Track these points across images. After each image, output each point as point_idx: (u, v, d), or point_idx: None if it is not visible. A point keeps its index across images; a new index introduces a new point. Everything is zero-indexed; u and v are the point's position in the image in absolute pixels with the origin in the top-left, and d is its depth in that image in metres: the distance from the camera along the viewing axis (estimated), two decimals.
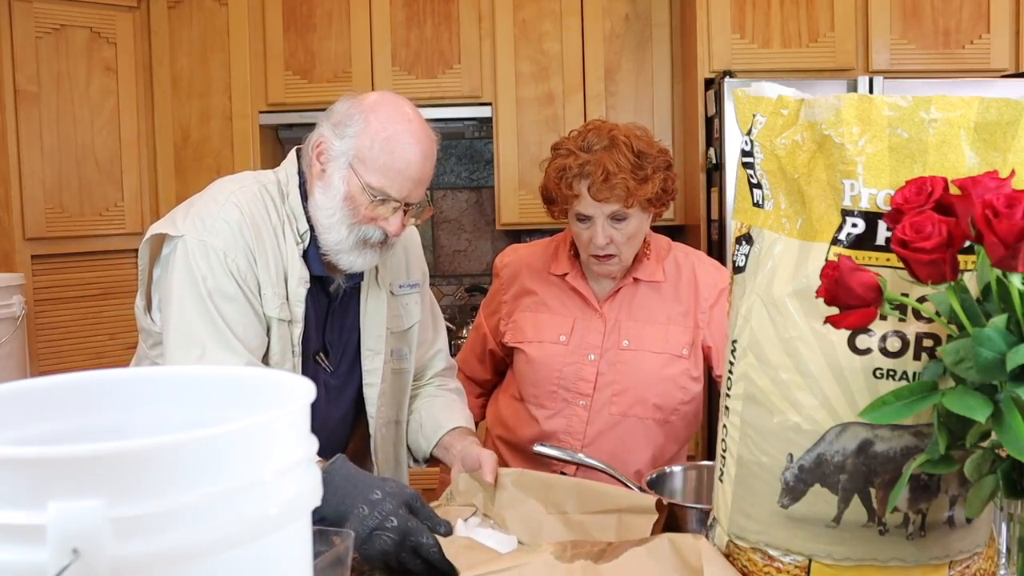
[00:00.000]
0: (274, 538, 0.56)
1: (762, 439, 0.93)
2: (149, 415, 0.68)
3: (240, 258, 1.42)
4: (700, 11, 2.90)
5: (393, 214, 1.44)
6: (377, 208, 1.43)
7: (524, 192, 3.21)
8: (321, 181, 1.45)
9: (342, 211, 1.44)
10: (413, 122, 1.44)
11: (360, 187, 1.42)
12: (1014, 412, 0.71)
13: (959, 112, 0.85)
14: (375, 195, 1.41)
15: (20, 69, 2.88)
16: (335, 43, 3.19)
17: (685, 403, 1.75)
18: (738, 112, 1.00)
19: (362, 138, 1.42)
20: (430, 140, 1.46)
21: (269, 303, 1.45)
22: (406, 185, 1.42)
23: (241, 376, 0.70)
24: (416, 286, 1.70)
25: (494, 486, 1.41)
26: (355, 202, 1.43)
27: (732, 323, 1.00)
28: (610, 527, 1.30)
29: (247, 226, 1.43)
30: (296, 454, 0.59)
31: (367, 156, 1.41)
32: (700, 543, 1.00)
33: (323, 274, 1.50)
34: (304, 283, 1.47)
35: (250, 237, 1.43)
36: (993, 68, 2.92)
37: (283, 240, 1.47)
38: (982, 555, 0.95)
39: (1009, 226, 0.70)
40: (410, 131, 1.43)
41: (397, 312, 1.65)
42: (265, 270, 1.44)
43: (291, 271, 1.47)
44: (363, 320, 1.58)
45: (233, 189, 1.47)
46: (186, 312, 1.40)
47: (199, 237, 1.41)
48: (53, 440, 0.63)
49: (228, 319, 1.41)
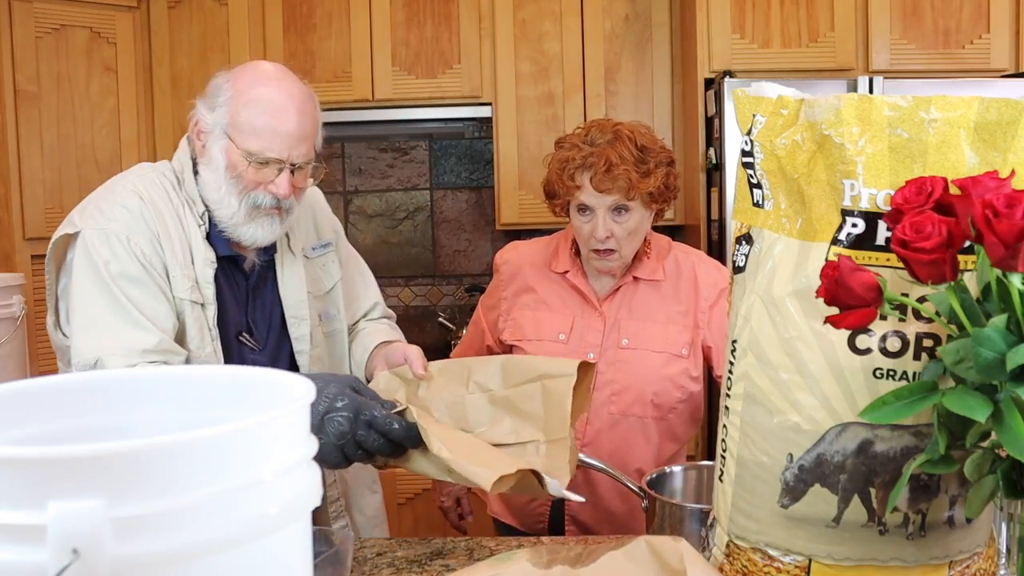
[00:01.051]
0: (274, 538, 0.56)
1: (762, 439, 0.93)
2: (149, 415, 0.68)
3: (143, 241, 1.40)
4: (700, 11, 2.90)
5: (279, 175, 1.42)
6: (261, 171, 1.41)
7: (524, 192, 3.21)
8: (204, 158, 1.45)
9: (227, 182, 1.42)
10: (282, 80, 1.43)
11: (239, 154, 1.40)
12: (1014, 412, 0.71)
13: (959, 112, 0.85)
14: (254, 158, 1.40)
15: (20, 69, 2.88)
16: (335, 43, 3.19)
17: (683, 402, 1.75)
18: (738, 112, 1.00)
19: (231, 105, 1.41)
20: (303, 95, 1.44)
21: (179, 285, 1.43)
22: (285, 143, 1.40)
23: (241, 376, 0.69)
24: (329, 245, 1.68)
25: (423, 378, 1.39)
26: (237, 170, 1.41)
27: (732, 323, 1.00)
28: (535, 395, 1.29)
29: (148, 211, 1.42)
30: (296, 454, 0.59)
31: (239, 121, 1.40)
32: (680, 545, 1.00)
33: (231, 253, 1.50)
34: (211, 264, 1.46)
35: (152, 221, 1.42)
36: (993, 68, 2.92)
37: (186, 223, 1.46)
38: (982, 555, 0.95)
39: (1009, 226, 0.70)
40: (278, 88, 1.42)
41: (315, 275, 1.64)
42: (171, 253, 1.43)
43: (196, 253, 1.45)
44: (282, 290, 1.56)
45: (131, 179, 1.47)
46: (89, 298, 1.38)
47: (98, 227, 1.40)
48: (53, 440, 0.63)
49: (135, 300, 1.38)
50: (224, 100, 1.42)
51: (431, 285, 3.63)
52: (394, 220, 3.64)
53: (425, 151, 3.63)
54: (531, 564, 1.06)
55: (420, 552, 1.36)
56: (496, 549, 1.36)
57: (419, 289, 3.62)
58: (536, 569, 1.05)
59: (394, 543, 1.40)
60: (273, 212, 1.45)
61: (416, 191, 3.64)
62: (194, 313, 1.44)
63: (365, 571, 1.28)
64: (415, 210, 3.64)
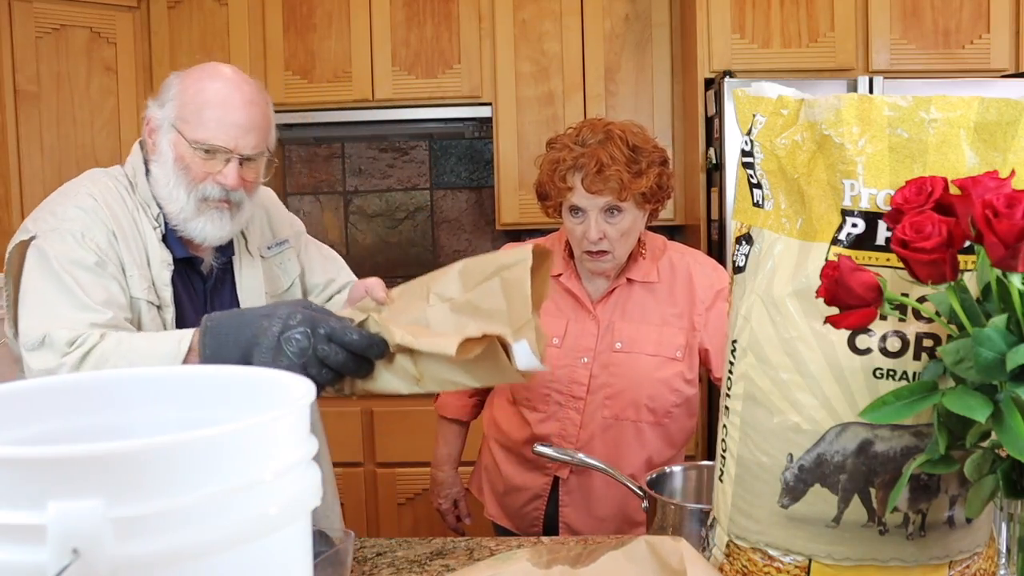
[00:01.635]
0: (274, 538, 0.56)
1: (762, 439, 0.93)
2: (149, 415, 0.68)
3: (99, 236, 1.39)
4: (700, 11, 2.90)
5: (226, 166, 1.42)
6: (208, 162, 1.41)
7: (524, 192, 3.21)
8: (155, 155, 1.45)
9: (176, 175, 1.42)
10: (229, 75, 1.45)
11: (186, 144, 1.41)
12: (1014, 412, 0.71)
13: (959, 112, 0.85)
14: (200, 147, 1.40)
15: (20, 69, 2.88)
16: (335, 43, 3.19)
17: (677, 405, 1.74)
18: (738, 112, 1.00)
19: (179, 99, 1.43)
20: (252, 87, 1.45)
21: (136, 284, 1.42)
22: (231, 132, 1.40)
23: (242, 376, 0.70)
24: (285, 243, 1.67)
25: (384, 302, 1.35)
26: (185, 161, 1.42)
27: (732, 323, 1.00)
28: (495, 291, 1.26)
29: (103, 210, 1.41)
30: (296, 454, 0.59)
31: (186, 114, 1.41)
32: (680, 545, 0.99)
33: (187, 255, 1.49)
34: (167, 266, 1.45)
35: (108, 219, 1.41)
36: (993, 68, 2.92)
37: (141, 226, 1.45)
38: (982, 555, 0.95)
39: (1009, 226, 0.70)
40: (225, 79, 1.43)
41: (273, 275, 1.63)
42: (128, 252, 1.42)
43: (153, 255, 1.45)
44: (240, 293, 1.56)
45: (84, 183, 1.46)
46: (38, 287, 1.35)
47: (51, 228, 1.39)
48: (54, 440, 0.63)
49: (85, 287, 1.35)
50: (173, 95, 1.44)
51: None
52: (394, 220, 3.64)
53: (425, 151, 3.63)
54: (531, 564, 1.05)
55: (420, 552, 1.36)
56: (496, 549, 1.36)
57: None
58: (536, 569, 1.04)
59: (394, 543, 1.40)
60: (222, 205, 1.44)
61: (416, 191, 3.64)
62: (151, 314, 1.43)
63: (365, 571, 1.28)
64: (415, 210, 3.64)
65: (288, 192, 3.63)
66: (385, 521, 3.03)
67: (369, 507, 3.03)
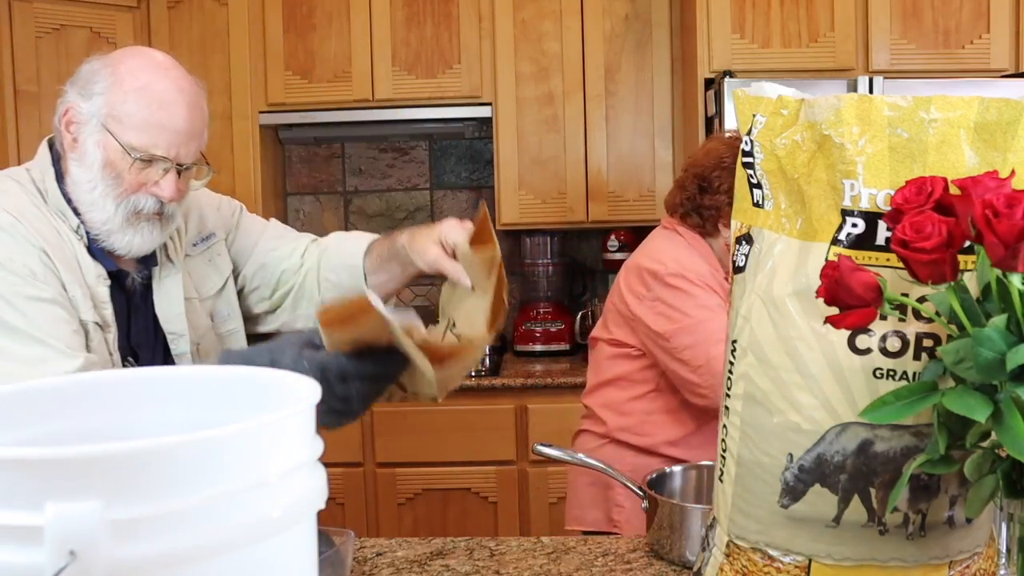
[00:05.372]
0: (276, 541, 0.56)
1: (762, 439, 0.93)
2: (153, 415, 0.68)
3: (31, 260, 1.21)
4: (700, 11, 2.90)
5: (164, 176, 1.26)
6: (144, 171, 1.25)
7: (524, 192, 3.21)
8: (75, 153, 1.28)
9: (103, 182, 1.26)
10: (169, 69, 1.28)
11: (119, 149, 1.24)
12: (1014, 412, 0.71)
13: (959, 112, 0.85)
14: (137, 155, 1.24)
15: (20, 69, 2.88)
16: (335, 43, 3.19)
17: None
18: (738, 112, 0.99)
19: (112, 93, 1.25)
20: (193, 88, 1.30)
21: (82, 306, 1.25)
22: (173, 140, 1.25)
23: (247, 376, 0.69)
24: (212, 237, 1.49)
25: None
26: (116, 168, 1.25)
27: (732, 323, 1.00)
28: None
29: (25, 228, 1.23)
30: (301, 455, 0.59)
31: (121, 112, 1.24)
32: None
33: (115, 268, 1.32)
34: (103, 280, 1.29)
35: (33, 237, 1.23)
36: (993, 68, 2.92)
37: (65, 239, 1.28)
38: (982, 555, 0.95)
39: (1009, 226, 0.70)
40: (167, 78, 1.26)
41: (202, 273, 1.46)
42: (65, 270, 1.25)
43: (86, 268, 1.28)
44: (157, 307, 1.38)
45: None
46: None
47: None
48: (57, 441, 0.63)
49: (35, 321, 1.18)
50: (103, 88, 1.26)
51: (431, 285, 3.63)
52: (394, 220, 3.63)
53: (425, 151, 3.63)
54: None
55: (420, 552, 1.36)
56: (496, 549, 1.36)
57: (419, 289, 3.61)
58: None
59: (394, 543, 1.40)
60: (155, 218, 1.29)
61: (416, 191, 3.64)
62: (97, 337, 1.27)
63: (365, 571, 1.28)
64: (415, 210, 3.64)
65: (288, 192, 3.63)
66: (385, 521, 3.03)
67: (369, 507, 3.03)
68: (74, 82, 1.31)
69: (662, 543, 1.32)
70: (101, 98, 1.26)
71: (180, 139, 1.26)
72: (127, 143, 1.24)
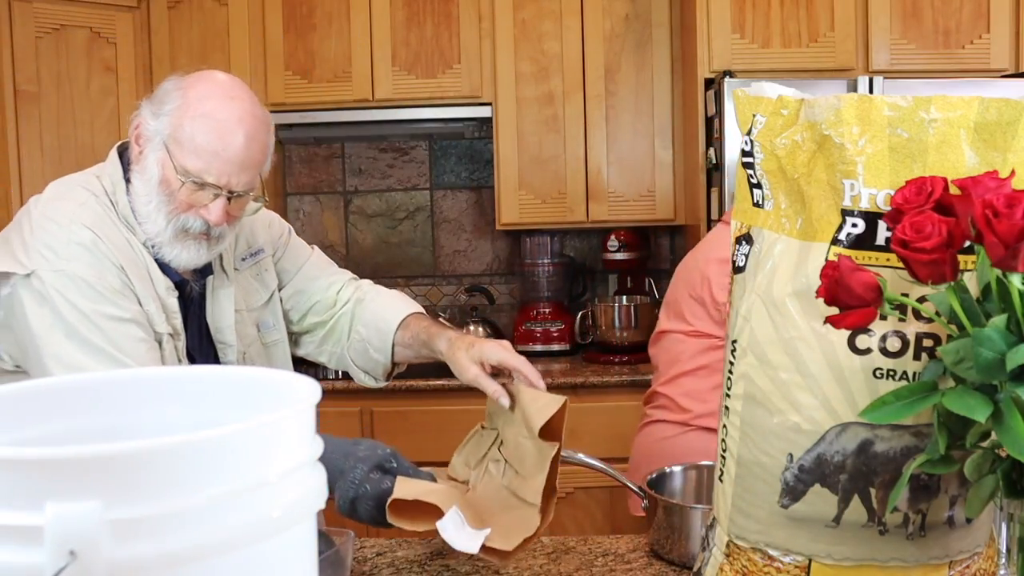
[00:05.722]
0: (276, 541, 0.56)
1: (762, 439, 0.93)
2: (153, 415, 0.68)
3: (112, 278, 1.28)
4: (700, 11, 2.90)
5: (213, 201, 1.30)
6: (195, 194, 1.29)
7: (524, 192, 3.21)
8: (139, 166, 1.33)
9: (158, 197, 1.31)
10: (236, 99, 1.31)
11: (174, 171, 1.28)
12: (1014, 412, 0.71)
13: (959, 112, 0.85)
14: (189, 179, 1.28)
15: (20, 69, 2.88)
16: (335, 43, 3.19)
17: None
18: (738, 112, 0.99)
19: (178, 115, 1.29)
20: (257, 120, 1.32)
21: (156, 319, 1.32)
22: (225, 169, 1.28)
23: (248, 376, 0.69)
24: (259, 253, 1.53)
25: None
26: (170, 187, 1.29)
27: (732, 323, 1.00)
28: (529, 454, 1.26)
29: (106, 245, 1.29)
30: (301, 455, 0.59)
31: (182, 135, 1.28)
32: None
33: (179, 279, 1.38)
34: (172, 292, 1.35)
35: (111, 255, 1.29)
36: (993, 68, 2.92)
37: (138, 253, 1.34)
38: (982, 555, 0.95)
39: (1009, 226, 0.70)
40: (231, 108, 1.29)
41: (249, 287, 1.51)
42: (140, 285, 1.31)
43: (157, 282, 1.34)
44: (210, 317, 1.44)
45: (72, 208, 1.32)
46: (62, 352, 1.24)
47: (54, 268, 1.26)
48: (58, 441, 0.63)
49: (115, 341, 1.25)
50: (171, 109, 1.31)
51: (431, 285, 3.63)
52: (394, 220, 3.63)
53: (425, 151, 3.63)
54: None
55: (420, 552, 1.36)
56: None
57: (419, 289, 3.61)
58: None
59: (394, 543, 1.40)
60: (201, 238, 1.33)
61: (416, 191, 3.64)
62: (169, 347, 1.34)
63: (365, 571, 1.28)
64: (415, 210, 3.64)
65: (288, 192, 3.63)
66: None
67: None
68: (150, 99, 1.36)
69: (662, 543, 1.32)
70: (168, 119, 1.30)
71: (232, 168, 1.29)
72: (181, 166, 1.29)
